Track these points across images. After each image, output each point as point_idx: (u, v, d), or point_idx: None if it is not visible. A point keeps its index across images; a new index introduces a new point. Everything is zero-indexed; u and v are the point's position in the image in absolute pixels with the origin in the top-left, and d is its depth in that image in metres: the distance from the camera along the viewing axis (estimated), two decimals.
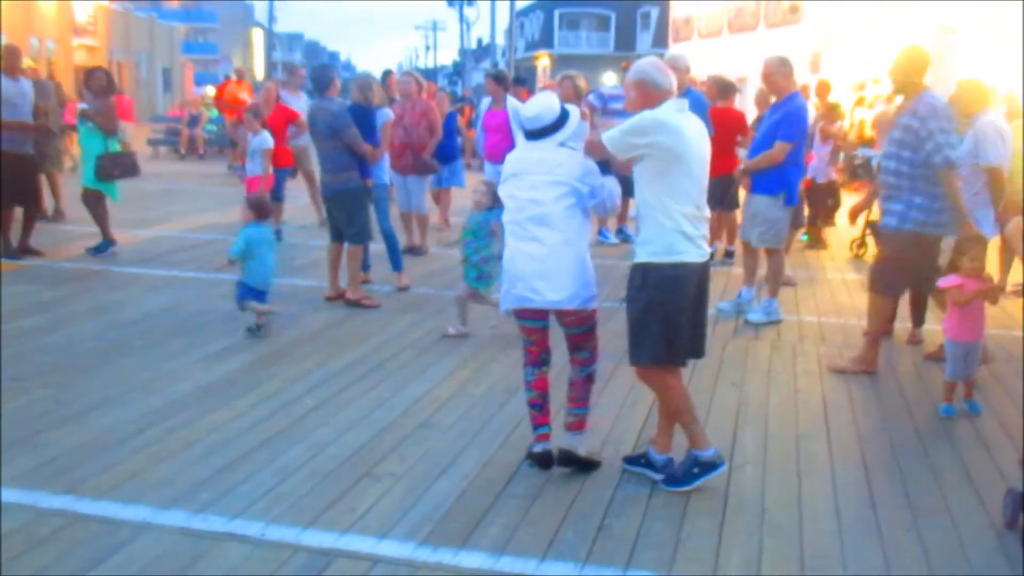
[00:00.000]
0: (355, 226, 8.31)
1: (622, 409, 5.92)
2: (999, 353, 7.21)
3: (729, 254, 10.70)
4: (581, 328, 4.93)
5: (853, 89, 17.66)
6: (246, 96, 20.84)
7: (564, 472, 4.90)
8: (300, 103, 13.02)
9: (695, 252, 4.59)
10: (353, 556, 4.02)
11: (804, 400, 6.21)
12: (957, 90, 7.91)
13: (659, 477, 4.82)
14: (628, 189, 10.38)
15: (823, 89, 10.26)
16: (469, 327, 7.50)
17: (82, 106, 10.50)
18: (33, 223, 10.51)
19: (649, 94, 4.67)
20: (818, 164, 11.60)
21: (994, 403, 6.13)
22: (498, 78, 11.35)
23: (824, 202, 11.82)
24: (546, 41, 68.43)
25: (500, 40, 61.99)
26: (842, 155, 12.82)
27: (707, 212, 4.70)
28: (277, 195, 11.64)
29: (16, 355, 6.64)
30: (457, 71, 75.08)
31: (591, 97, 11.75)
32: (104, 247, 10.50)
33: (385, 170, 9.28)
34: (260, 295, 7.47)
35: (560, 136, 4.82)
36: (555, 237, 4.72)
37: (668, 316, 4.57)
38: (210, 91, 29.12)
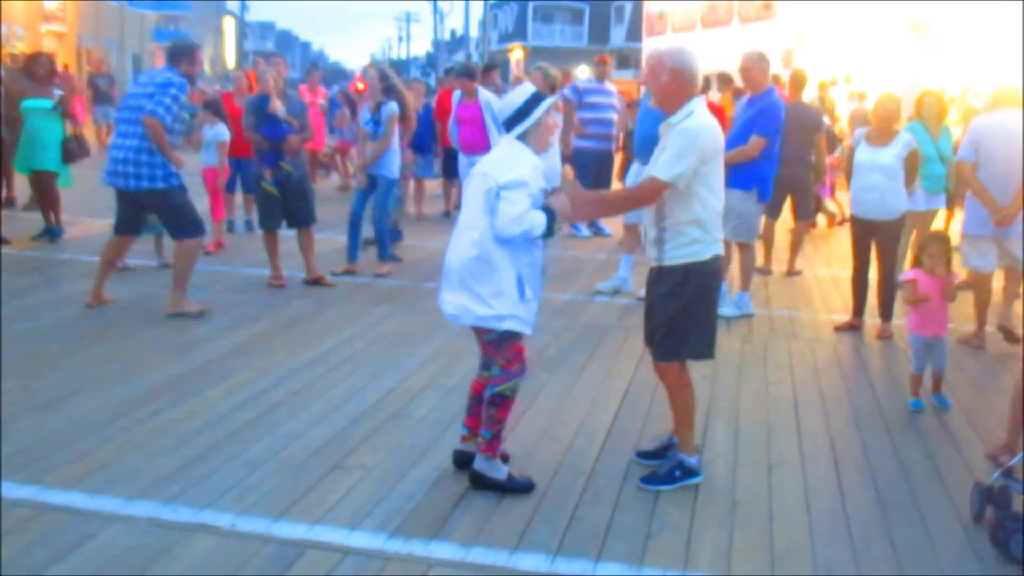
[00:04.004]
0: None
1: (594, 401, 5.93)
2: (965, 351, 7.30)
3: None
4: (485, 338, 4.60)
5: (820, 86, 17.74)
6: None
7: (535, 465, 4.90)
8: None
9: (719, 246, 4.68)
10: (324, 547, 4.00)
11: (775, 394, 6.24)
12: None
13: (699, 479, 4.82)
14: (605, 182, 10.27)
15: (798, 80, 10.20)
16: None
17: (59, 92, 10.42)
18: None
19: (683, 86, 4.56)
20: None
21: (962, 398, 6.18)
22: (467, 72, 11.34)
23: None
24: (520, 33, 68.36)
25: (474, 32, 61.89)
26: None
27: None
28: (248, 187, 11.55)
29: None
30: (431, 62, 74.95)
31: (566, 90, 11.76)
32: (59, 232, 10.56)
33: (392, 163, 9.20)
34: None
35: (518, 129, 4.52)
36: (465, 242, 4.49)
37: (710, 310, 4.72)
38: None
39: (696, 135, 4.48)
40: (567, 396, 6.03)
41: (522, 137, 4.53)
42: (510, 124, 4.56)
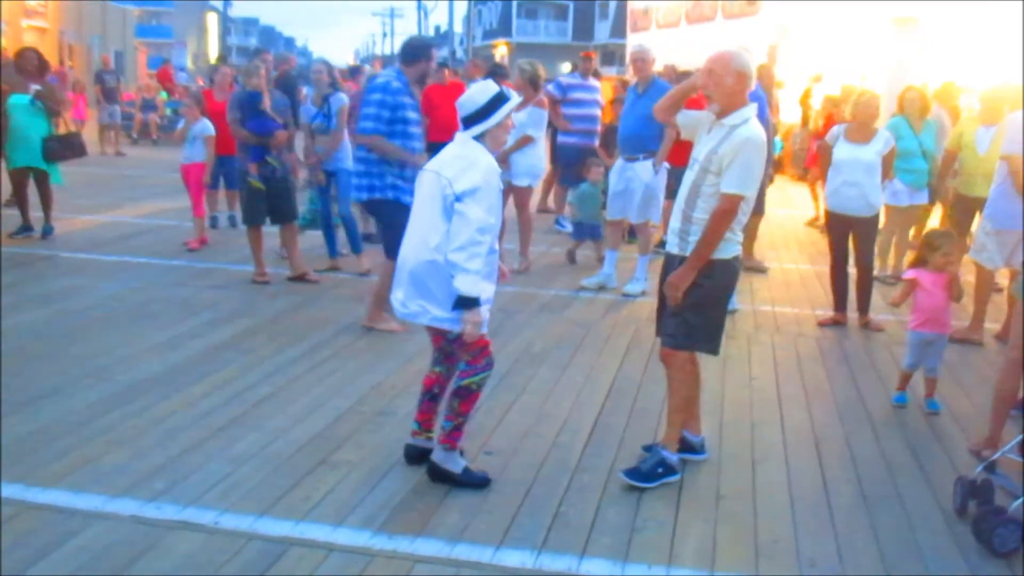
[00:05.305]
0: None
1: (579, 396, 5.93)
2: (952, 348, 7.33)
3: None
4: (446, 336, 4.58)
5: (810, 81, 17.79)
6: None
7: (520, 461, 4.90)
8: None
9: (740, 247, 4.73)
10: (308, 544, 3.99)
11: (759, 388, 6.26)
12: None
13: (702, 457, 4.94)
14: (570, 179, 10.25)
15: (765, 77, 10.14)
16: None
17: (35, 87, 10.34)
18: None
19: (744, 90, 4.61)
20: None
21: (945, 393, 6.20)
22: (494, 71, 11.36)
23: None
24: (504, 30, 68.32)
25: (458, 28, 61.74)
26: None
27: None
28: (231, 183, 11.52)
29: None
30: None
31: (550, 87, 11.76)
32: (50, 230, 10.45)
33: (346, 155, 9.21)
34: None
35: (477, 129, 4.46)
36: (421, 242, 4.44)
37: (723, 307, 4.77)
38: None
39: (760, 148, 4.55)
40: (552, 392, 6.03)
41: (479, 137, 4.48)
42: (468, 122, 4.49)
